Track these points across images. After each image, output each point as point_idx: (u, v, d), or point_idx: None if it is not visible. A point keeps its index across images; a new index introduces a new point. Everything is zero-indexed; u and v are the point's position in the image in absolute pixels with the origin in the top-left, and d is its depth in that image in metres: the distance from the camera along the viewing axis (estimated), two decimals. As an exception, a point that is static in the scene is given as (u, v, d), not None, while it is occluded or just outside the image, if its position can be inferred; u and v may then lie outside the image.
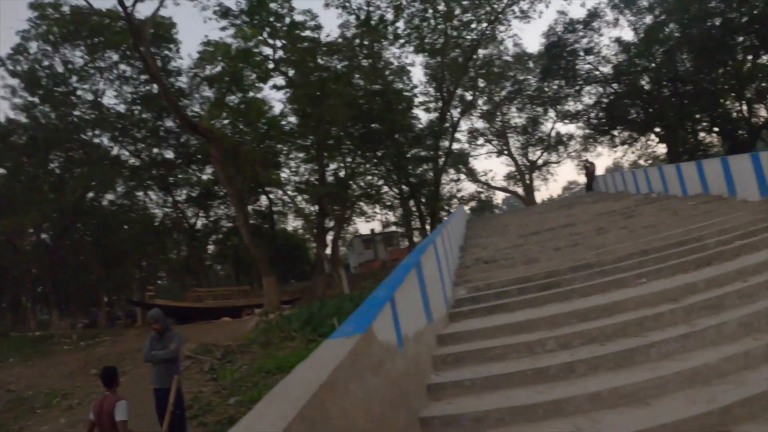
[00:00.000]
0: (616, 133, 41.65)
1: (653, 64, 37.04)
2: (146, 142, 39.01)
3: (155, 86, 31.38)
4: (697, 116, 37.49)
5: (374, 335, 4.39)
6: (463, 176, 44.92)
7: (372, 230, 54.10)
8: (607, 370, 5.53)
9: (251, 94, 33.52)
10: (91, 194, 38.00)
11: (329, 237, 37.69)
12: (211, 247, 50.98)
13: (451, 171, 42.65)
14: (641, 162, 42.69)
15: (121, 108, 37.39)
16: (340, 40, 33.61)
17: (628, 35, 47.67)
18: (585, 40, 39.03)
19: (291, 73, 32.93)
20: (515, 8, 35.98)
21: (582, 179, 34.90)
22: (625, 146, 42.99)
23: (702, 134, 40.19)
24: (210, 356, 15.33)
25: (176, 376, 7.71)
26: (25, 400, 14.72)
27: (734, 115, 37.46)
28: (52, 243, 37.51)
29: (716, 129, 38.55)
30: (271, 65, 32.58)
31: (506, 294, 9.10)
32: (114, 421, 6.28)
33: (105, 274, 38.78)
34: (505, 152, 47.66)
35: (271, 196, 42.23)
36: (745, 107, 36.43)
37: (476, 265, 12.52)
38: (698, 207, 13.23)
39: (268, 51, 32.17)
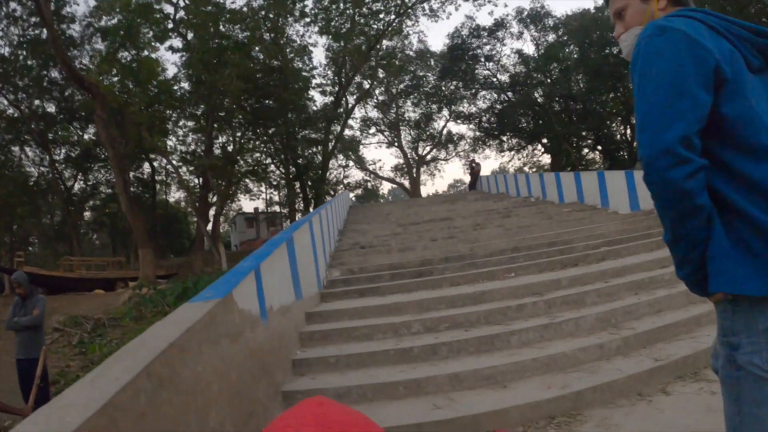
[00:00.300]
0: (505, 138, 43.12)
1: (549, 80, 38.69)
2: (28, 91, 35.71)
3: (45, 31, 29.01)
4: (584, 134, 39.38)
5: (234, 302, 4.22)
6: (351, 163, 45.19)
7: (256, 209, 53.26)
8: (469, 354, 5.61)
9: (146, 53, 31.87)
10: (-39, 146, 33.92)
11: (212, 212, 36.67)
12: (87, 214, 48.03)
13: (341, 157, 42.82)
14: (526, 169, 44.41)
15: (5, 51, 33.96)
16: (245, 9, 32.63)
17: (529, 49, 49.39)
18: (488, 47, 40.28)
19: (190, 36, 31.55)
20: (426, 6, 36.40)
21: (468, 178, 35.88)
22: (513, 152, 44.63)
23: (586, 150, 42.46)
24: (79, 329, 14.65)
25: (44, 348, 7.28)
26: None
27: (618, 137, 39.85)
28: None
29: (599, 147, 40.76)
30: (170, 25, 31.09)
31: (379, 278, 9.19)
32: None
33: (-29, 237, 35.53)
34: (396, 144, 48.32)
35: (155, 164, 40.41)
36: (629, 131, 38.64)
37: (353, 249, 12.55)
38: (572, 214, 13.83)
39: (169, 9, 30.67)
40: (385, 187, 60.68)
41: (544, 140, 41.39)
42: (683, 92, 1.61)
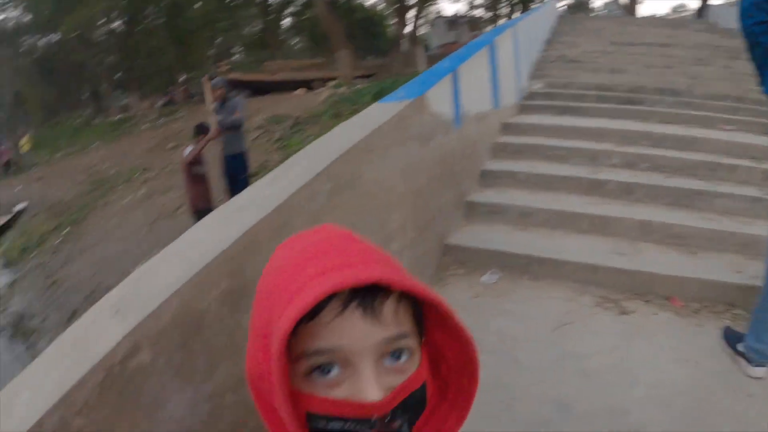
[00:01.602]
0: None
1: None
2: None
3: None
4: None
5: (427, 104, 4.04)
6: (564, -32, 41.62)
7: (456, 12, 51.82)
8: (665, 204, 5.09)
9: None
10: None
11: (411, 14, 35.90)
12: (286, 21, 49.10)
13: (553, -40, 39.39)
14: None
15: None
16: None
17: None
18: None
19: None
20: None
21: (694, 4, 31.94)
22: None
23: None
24: (280, 126, 15.55)
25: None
26: (108, 180, 16.03)
27: None
28: (125, 29, 35.79)
29: None
30: None
31: (584, 98, 8.54)
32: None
33: (179, 53, 37.99)
34: (616, -48, 43.47)
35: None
36: None
37: (559, 62, 11.67)
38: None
39: None
40: (598, 1, 56.12)
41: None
42: None
